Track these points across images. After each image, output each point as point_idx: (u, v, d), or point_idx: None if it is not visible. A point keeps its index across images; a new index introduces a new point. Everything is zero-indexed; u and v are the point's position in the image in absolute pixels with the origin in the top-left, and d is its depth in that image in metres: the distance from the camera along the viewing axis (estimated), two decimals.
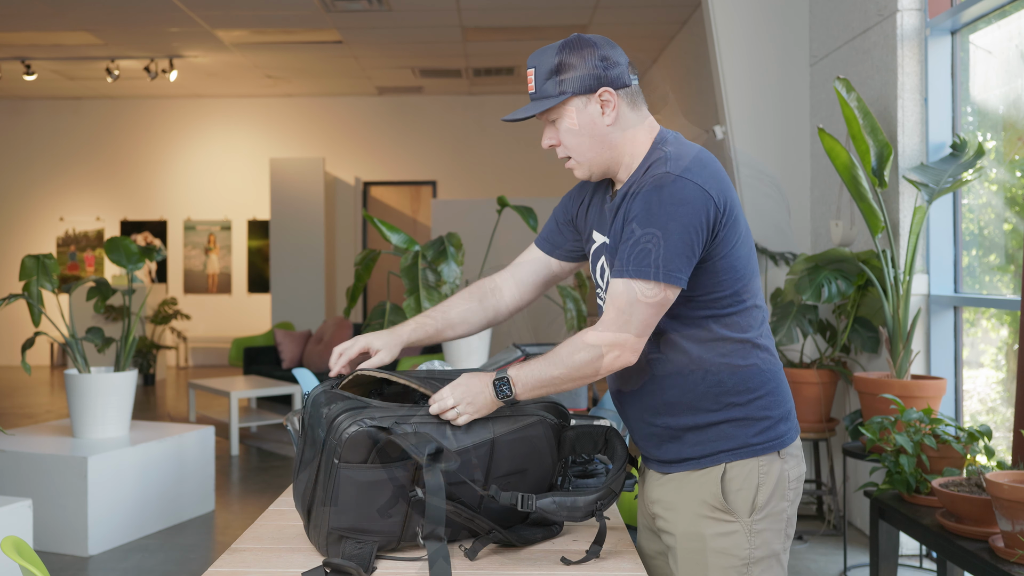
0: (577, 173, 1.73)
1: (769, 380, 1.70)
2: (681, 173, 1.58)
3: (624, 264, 1.59)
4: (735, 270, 1.65)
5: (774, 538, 1.70)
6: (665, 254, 1.56)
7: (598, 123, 1.65)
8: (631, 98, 1.68)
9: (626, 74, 1.66)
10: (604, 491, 1.64)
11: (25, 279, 4.46)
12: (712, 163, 1.65)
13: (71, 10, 7.95)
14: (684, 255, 1.57)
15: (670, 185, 1.57)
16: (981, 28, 4.00)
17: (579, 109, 1.65)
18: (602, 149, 1.68)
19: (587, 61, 1.63)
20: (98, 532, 4.34)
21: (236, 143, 12.02)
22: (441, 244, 4.20)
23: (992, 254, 4.06)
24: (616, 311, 1.59)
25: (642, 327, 1.59)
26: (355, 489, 1.56)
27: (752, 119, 5.25)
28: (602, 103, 1.65)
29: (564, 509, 1.61)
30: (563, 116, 1.66)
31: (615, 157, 1.69)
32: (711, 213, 1.59)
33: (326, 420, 1.58)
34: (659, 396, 1.70)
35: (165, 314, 10.57)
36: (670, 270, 1.56)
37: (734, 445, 1.68)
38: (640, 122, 1.69)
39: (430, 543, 1.48)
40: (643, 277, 1.56)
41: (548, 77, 1.64)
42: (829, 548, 4.28)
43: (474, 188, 11.63)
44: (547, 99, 1.65)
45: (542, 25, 8.38)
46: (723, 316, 1.67)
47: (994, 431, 3.26)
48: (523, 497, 1.59)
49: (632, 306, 1.58)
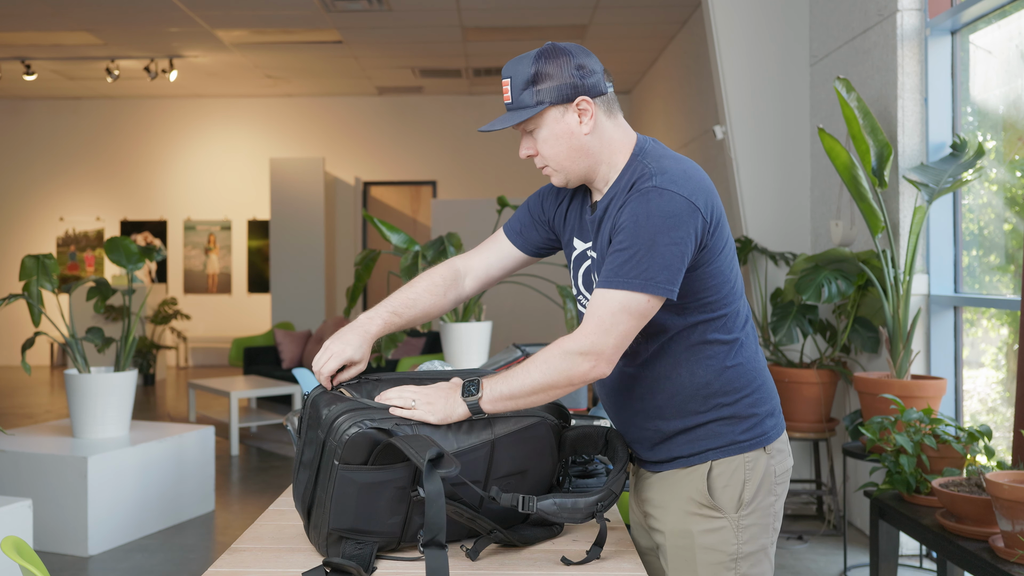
0: (555, 180, 1.72)
1: (755, 378, 1.72)
2: (668, 186, 1.57)
3: (609, 275, 1.58)
4: (722, 274, 1.66)
5: (761, 532, 1.72)
6: (652, 265, 1.55)
7: (576, 132, 1.65)
8: (607, 106, 1.67)
9: (602, 82, 1.65)
10: (604, 492, 1.64)
11: (25, 279, 4.47)
12: (696, 172, 1.64)
13: (71, 10, 7.95)
14: (672, 267, 1.56)
15: (658, 199, 1.56)
16: (981, 28, 4.00)
17: (556, 119, 1.64)
18: (580, 158, 1.67)
19: (563, 70, 1.62)
20: (98, 532, 4.34)
21: (236, 143, 12.03)
22: (441, 244, 4.20)
23: (992, 254, 4.06)
24: (597, 320, 1.57)
25: (621, 338, 1.58)
26: (355, 490, 1.55)
27: (752, 119, 5.25)
28: (579, 112, 1.64)
29: (565, 511, 1.61)
30: (541, 126, 1.65)
31: (592, 165, 1.68)
32: (699, 226, 1.58)
33: (326, 421, 1.57)
34: (648, 400, 1.71)
35: (165, 314, 10.57)
36: (657, 281, 1.55)
37: (721, 443, 1.69)
38: (616, 129, 1.68)
39: (429, 551, 1.47)
40: (627, 288, 1.55)
41: (524, 87, 1.63)
42: (829, 548, 4.28)
43: (474, 188, 11.63)
44: (524, 109, 1.63)
45: (542, 25, 8.38)
46: (711, 320, 1.67)
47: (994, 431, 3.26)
48: (524, 499, 1.58)
49: (614, 316, 1.56)
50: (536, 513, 1.59)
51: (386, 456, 1.55)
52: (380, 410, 1.61)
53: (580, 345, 1.57)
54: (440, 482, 1.48)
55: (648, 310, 1.58)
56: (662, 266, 1.55)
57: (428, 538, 1.47)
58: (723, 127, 5.36)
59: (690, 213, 1.57)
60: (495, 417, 1.64)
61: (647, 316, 1.59)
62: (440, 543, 1.47)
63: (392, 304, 1.81)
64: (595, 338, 1.57)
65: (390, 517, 1.59)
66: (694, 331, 1.67)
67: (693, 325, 1.66)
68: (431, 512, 1.47)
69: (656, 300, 1.57)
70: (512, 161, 11.61)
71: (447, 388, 1.63)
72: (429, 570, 1.46)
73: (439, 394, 1.62)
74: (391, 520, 1.59)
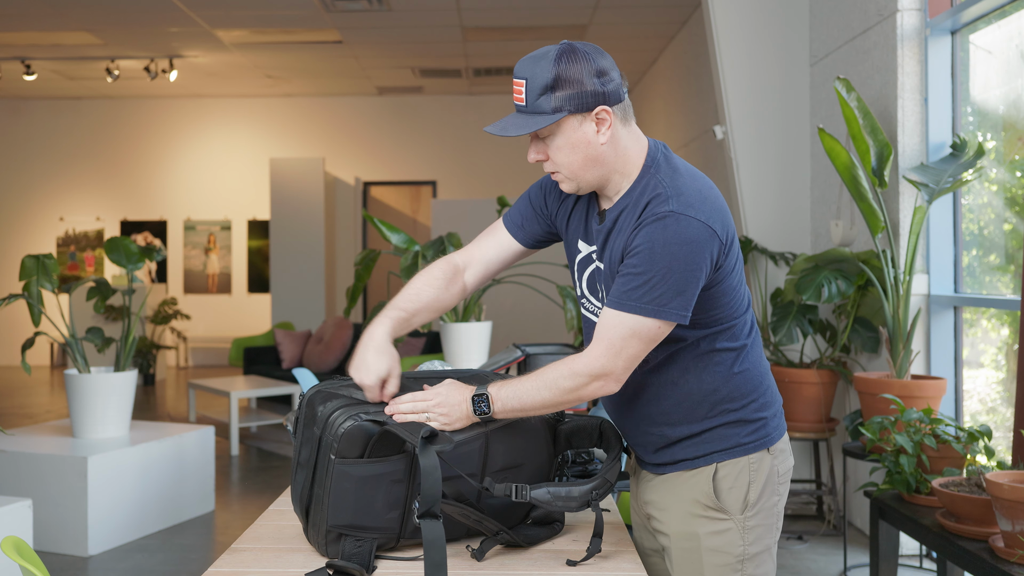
0: (565, 188, 1.67)
1: (761, 382, 1.73)
2: (685, 211, 1.55)
3: (621, 298, 1.57)
4: (733, 291, 1.66)
5: (766, 533, 1.72)
6: (665, 292, 1.54)
7: (593, 142, 1.59)
8: (624, 113, 1.63)
9: (621, 89, 1.60)
10: (599, 480, 1.65)
11: (25, 279, 4.46)
12: (711, 192, 1.62)
13: (71, 10, 7.95)
14: (686, 293, 1.55)
15: (674, 224, 1.54)
16: (981, 28, 3.99)
17: (574, 128, 1.58)
18: (594, 167, 1.62)
19: (584, 76, 1.55)
20: (98, 532, 4.34)
21: (236, 143, 12.02)
22: (441, 244, 4.20)
23: (992, 254, 4.06)
24: (607, 343, 1.57)
25: (630, 360, 1.59)
26: (352, 485, 1.56)
27: (752, 119, 5.25)
28: (598, 121, 1.59)
29: (559, 499, 1.61)
30: (556, 134, 1.59)
31: (606, 175, 1.64)
32: (715, 249, 1.57)
33: (321, 418, 1.59)
34: (655, 405, 1.72)
35: (165, 314, 10.57)
36: (671, 308, 1.55)
37: (726, 446, 1.70)
38: (630, 138, 1.64)
39: (425, 522, 1.48)
40: (640, 313, 1.55)
41: (542, 92, 1.56)
42: (829, 548, 4.27)
43: (474, 188, 11.63)
44: (540, 116, 1.57)
45: (542, 25, 8.38)
46: (721, 332, 1.68)
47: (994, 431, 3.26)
48: (517, 488, 1.59)
49: (625, 340, 1.57)
50: (529, 501, 1.59)
51: (382, 448, 1.57)
52: (374, 404, 1.63)
53: (591, 368, 1.58)
54: (435, 456, 1.50)
55: (658, 335, 1.58)
56: (676, 292, 1.54)
57: (424, 509, 1.48)
58: (723, 127, 5.36)
59: (708, 238, 1.55)
60: None
61: (657, 340, 1.59)
62: (435, 514, 1.49)
63: (395, 304, 1.78)
64: (605, 361, 1.58)
65: (388, 512, 1.59)
66: (703, 341, 1.67)
67: (703, 337, 1.67)
68: (427, 484, 1.48)
69: (667, 325, 1.58)
70: (512, 161, 11.61)
71: (458, 398, 1.63)
72: (426, 541, 1.47)
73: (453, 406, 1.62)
74: (389, 515, 1.60)
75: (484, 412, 1.61)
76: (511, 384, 1.63)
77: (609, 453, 1.73)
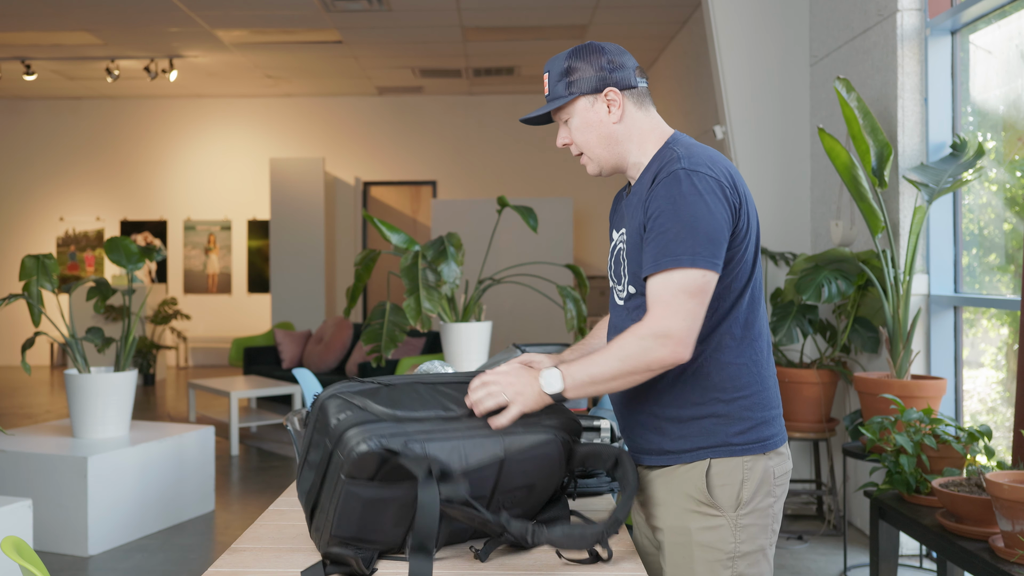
0: (589, 169, 1.83)
1: (756, 382, 1.73)
2: (696, 167, 1.66)
3: (657, 258, 1.62)
4: (745, 263, 1.70)
5: (760, 533, 1.73)
6: (695, 242, 1.60)
7: (604, 120, 1.76)
8: (638, 99, 1.78)
9: (632, 76, 1.77)
10: (611, 522, 1.62)
11: (25, 279, 4.47)
12: (722, 160, 1.73)
13: (71, 10, 7.95)
14: (715, 240, 1.62)
15: (687, 178, 1.64)
16: (981, 28, 4.00)
17: (587, 108, 1.76)
18: (609, 144, 1.78)
19: (594, 64, 1.75)
20: (98, 532, 4.34)
21: (236, 143, 12.03)
22: (441, 244, 4.20)
23: (992, 254, 4.06)
24: (661, 303, 1.61)
25: (688, 316, 1.61)
26: (359, 504, 1.54)
27: (752, 119, 5.25)
28: (608, 102, 1.76)
29: (572, 541, 1.60)
30: (573, 115, 1.78)
31: (622, 153, 1.79)
32: (732, 200, 1.66)
33: (335, 431, 1.54)
34: (650, 384, 1.72)
35: (165, 314, 10.57)
36: (704, 255, 1.61)
37: (715, 442, 1.70)
38: (647, 121, 1.79)
39: (415, 556, 1.47)
40: (678, 266, 1.60)
41: (559, 79, 1.77)
42: (829, 548, 4.28)
43: (474, 188, 11.63)
44: (558, 99, 1.77)
45: (542, 25, 8.38)
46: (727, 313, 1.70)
47: (994, 431, 3.26)
48: (533, 531, 1.58)
49: (674, 296, 1.60)
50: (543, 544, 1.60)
51: (393, 473, 1.53)
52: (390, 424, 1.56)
53: (650, 327, 1.61)
54: (436, 491, 1.48)
55: (704, 285, 1.61)
56: (706, 239, 1.61)
57: (416, 543, 1.47)
58: (723, 127, 5.36)
59: (720, 188, 1.65)
60: (509, 432, 1.63)
61: (705, 292, 1.62)
62: (428, 549, 1.47)
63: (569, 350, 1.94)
64: (662, 319, 1.60)
65: (393, 528, 1.58)
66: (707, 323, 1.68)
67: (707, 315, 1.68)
68: (423, 520, 1.47)
69: (709, 274, 1.62)
70: (512, 161, 11.62)
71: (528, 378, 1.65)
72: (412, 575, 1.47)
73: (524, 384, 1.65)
74: (394, 531, 1.59)
75: (556, 390, 1.63)
76: (577, 362, 1.65)
77: (625, 490, 1.69)
